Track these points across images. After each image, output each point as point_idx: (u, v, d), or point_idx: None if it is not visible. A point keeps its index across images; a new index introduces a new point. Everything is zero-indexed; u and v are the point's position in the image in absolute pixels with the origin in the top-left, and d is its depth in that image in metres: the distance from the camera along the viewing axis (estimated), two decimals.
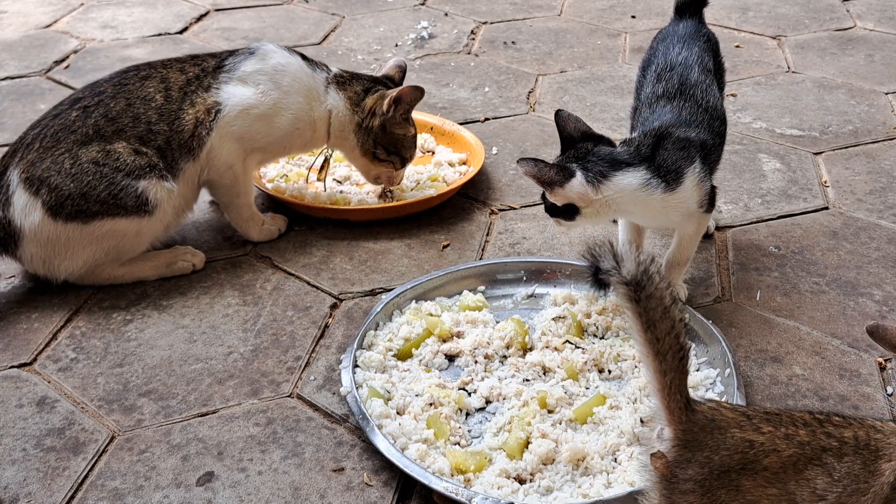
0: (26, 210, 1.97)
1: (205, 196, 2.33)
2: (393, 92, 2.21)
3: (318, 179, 2.42)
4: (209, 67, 2.14)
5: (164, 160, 2.04)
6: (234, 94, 2.11)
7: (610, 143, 1.83)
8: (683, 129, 1.81)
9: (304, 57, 2.25)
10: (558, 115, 1.84)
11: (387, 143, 2.27)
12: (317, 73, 2.23)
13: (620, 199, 1.75)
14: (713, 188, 1.88)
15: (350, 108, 2.23)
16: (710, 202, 1.86)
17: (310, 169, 2.49)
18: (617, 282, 1.22)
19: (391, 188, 2.39)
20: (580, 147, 1.78)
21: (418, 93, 2.24)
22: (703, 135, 1.83)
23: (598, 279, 1.26)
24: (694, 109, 1.87)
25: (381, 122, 2.23)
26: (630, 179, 1.74)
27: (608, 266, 1.23)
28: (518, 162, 1.73)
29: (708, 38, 2.09)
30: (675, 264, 1.97)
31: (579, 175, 1.72)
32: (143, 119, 2.04)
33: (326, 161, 2.42)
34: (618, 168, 1.74)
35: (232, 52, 2.20)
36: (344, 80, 2.25)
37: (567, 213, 1.77)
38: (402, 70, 2.38)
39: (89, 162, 1.98)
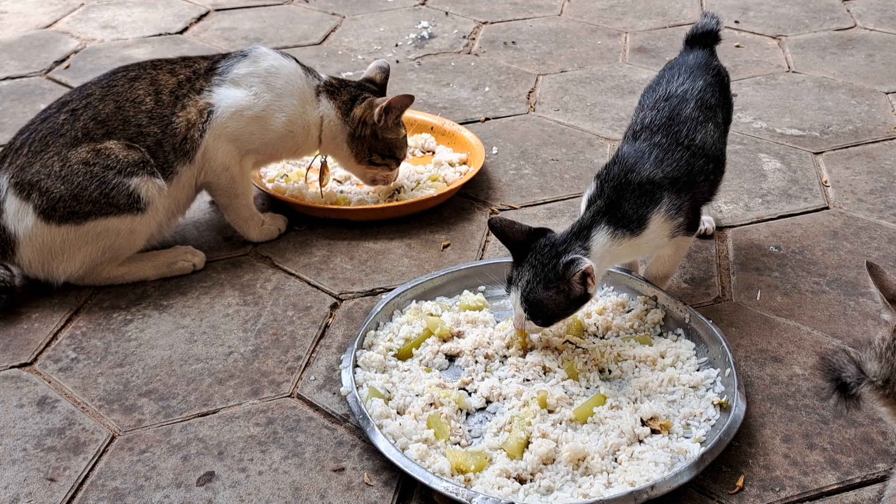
0: (19, 215, 1.97)
1: (205, 196, 2.33)
2: (383, 102, 2.21)
3: (321, 185, 2.41)
4: (200, 70, 2.14)
5: (156, 159, 2.04)
6: (227, 95, 2.11)
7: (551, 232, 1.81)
8: (649, 171, 1.79)
9: (296, 61, 2.25)
10: (493, 224, 1.80)
11: (381, 149, 2.27)
12: (309, 79, 2.23)
13: (605, 259, 1.77)
14: (693, 213, 1.86)
15: (341, 118, 2.23)
16: (687, 228, 1.86)
17: (309, 169, 2.48)
18: (868, 391, 1.12)
19: (397, 188, 2.40)
20: (539, 246, 1.74)
21: (408, 100, 2.23)
22: (675, 172, 1.81)
23: (847, 394, 1.13)
24: (671, 147, 1.84)
25: (373, 131, 2.24)
26: (600, 240, 1.75)
27: (853, 378, 1.11)
28: (572, 270, 1.67)
29: (717, 73, 2.04)
30: (659, 278, 1.98)
31: (583, 259, 1.69)
32: (133, 122, 2.03)
33: (325, 166, 2.41)
34: (587, 238, 1.75)
35: (224, 56, 2.20)
36: (333, 89, 2.25)
37: (580, 302, 1.75)
38: (384, 71, 2.36)
39: (79, 163, 1.97)
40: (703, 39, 2.10)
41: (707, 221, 2.25)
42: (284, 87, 2.17)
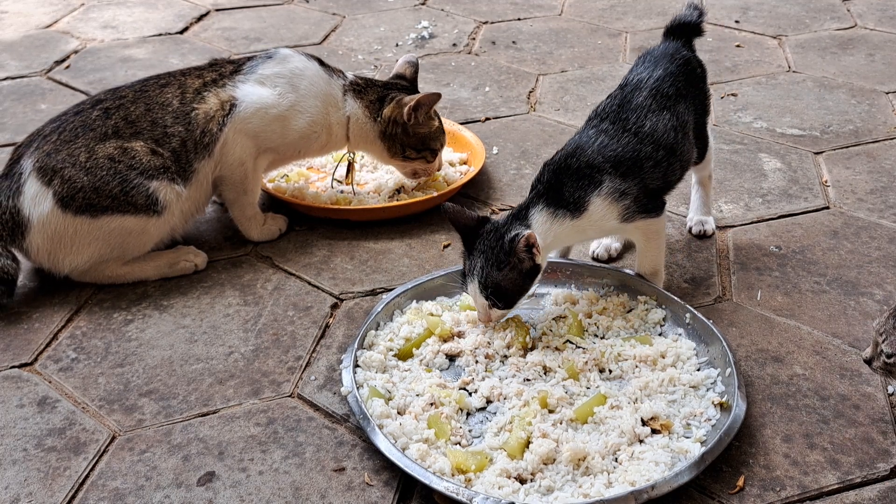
0: (36, 199, 1.98)
1: None
2: (411, 101, 2.24)
3: (346, 184, 2.44)
4: (226, 72, 2.19)
5: (178, 163, 2.07)
6: (251, 92, 2.14)
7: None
8: (589, 156, 1.82)
9: (321, 62, 2.28)
10: (445, 210, 1.84)
11: (414, 144, 2.30)
12: (334, 79, 2.26)
13: (547, 236, 1.80)
14: (647, 196, 1.86)
15: (370, 118, 2.27)
16: (644, 211, 1.86)
17: (333, 176, 2.49)
18: None
19: (398, 187, 2.44)
20: (485, 232, 1.80)
21: (436, 97, 2.27)
22: (617, 157, 1.82)
23: None
24: (617, 133, 1.85)
25: (404, 128, 2.27)
26: (539, 219, 1.80)
27: None
28: (515, 240, 1.72)
29: (685, 63, 2.01)
30: (650, 274, 1.99)
31: (524, 230, 1.75)
32: (160, 123, 2.07)
33: (351, 165, 2.43)
34: (525, 217, 1.81)
35: (250, 57, 2.24)
36: (360, 88, 2.28)
37: (533, 275, 1.79)
38: (414, 66, 2.40)
39: (105, 157, 2.01)
40: (680, 31, 2.08)
41: (706, 222, 2.25)
42: (308, 88, 2.20)
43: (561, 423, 1.65)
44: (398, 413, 1.69)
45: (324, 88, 2.23)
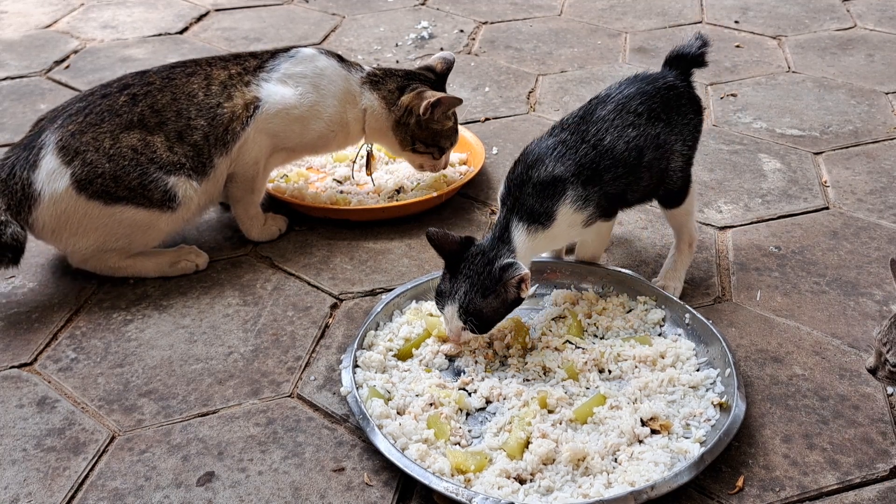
0: (52, 176, 1.98)
1: None
2: (433, 97, 2.24)
3: (367, 175, 2.46)
4: (250, 67, 2.19)
5: (199, 157, 2.07)
6: (274, 92, 2.15)
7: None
8: (549, 166, 1.81)
9: (340, 58, 2.29)
10: (430, 236, 1.80)
11: (424, 138, 2.31)
12: (352, 74, 2.27)
13: (527, 255, 1.80)
14: (608, 203, 1.86)
15: (385, 107, 2.27)
16: (601, 214, 1.86)
17: (354, 161, 2.52)
18: None
19: (398, 188, 2.45)
20: (471, 255, 1.77)
21: (457, 101, 2.27)
22: (576, 166, 1.81)
23: None
24: (576, 143, 1.83)
25: (418, 120, 2.27)
26: (520, 238, 1.79)
27: None
28: (509, 272, 1.71)
29: (668, 88, 1.91)
30: (589, 259, 2.04)
31: (521, 265, 1.74)
32: (184, 114, 2.07)
33: (370, 155, 2.45)
34: (509, 240, 1.79)
35: (273, 55, 2.24)
36: (377, 79, 2.29)
37: (514, 306, 1.78)
38: (448, 63, 2.41)
39: (129, 147, 2.01)
40: (677, 62, 1.98)
41: (668, 287, 2.05)
42: (328, 88, 2.21)
43: (560, 424, 1.65)
44: (398, 413, 1.69)
45: (342, 86, 2.24)
